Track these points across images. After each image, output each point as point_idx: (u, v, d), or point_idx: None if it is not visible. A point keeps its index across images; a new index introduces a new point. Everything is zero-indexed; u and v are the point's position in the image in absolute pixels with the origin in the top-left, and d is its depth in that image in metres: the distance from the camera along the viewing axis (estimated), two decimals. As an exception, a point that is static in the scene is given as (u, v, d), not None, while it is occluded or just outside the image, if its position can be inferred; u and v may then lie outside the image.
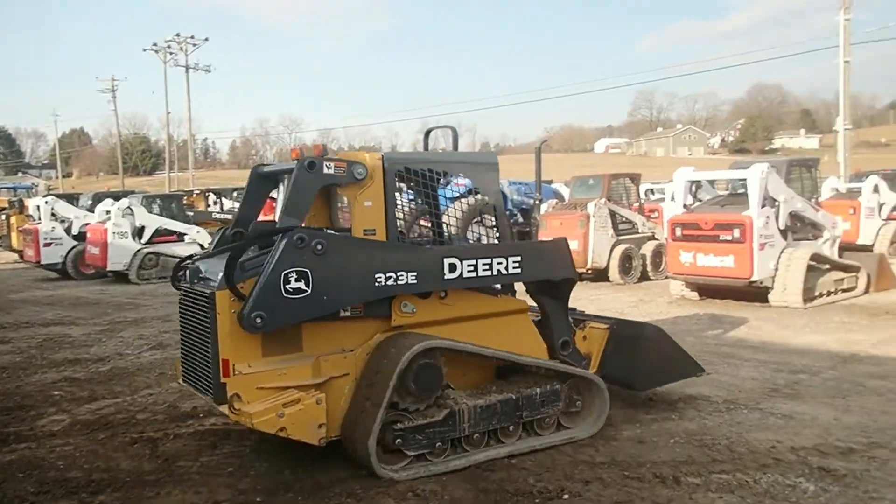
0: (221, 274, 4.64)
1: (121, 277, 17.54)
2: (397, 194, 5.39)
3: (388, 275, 4.96)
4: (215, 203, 27.62)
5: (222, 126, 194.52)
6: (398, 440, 4.92)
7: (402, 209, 5.59)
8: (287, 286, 4.60)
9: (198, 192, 29.92)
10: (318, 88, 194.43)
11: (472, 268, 5.37)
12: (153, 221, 18.26)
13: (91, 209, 20.23)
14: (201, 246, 18.70)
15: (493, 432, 5.33)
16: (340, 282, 4.80)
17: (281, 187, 5.73)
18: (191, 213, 22.35)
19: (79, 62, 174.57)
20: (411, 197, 5.87)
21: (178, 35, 52.45)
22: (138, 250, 17.57)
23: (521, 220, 7.41)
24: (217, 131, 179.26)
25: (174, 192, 28.78)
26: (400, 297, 5.16)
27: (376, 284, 4.94)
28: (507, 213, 6.48)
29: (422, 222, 5.89)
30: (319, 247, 4.70)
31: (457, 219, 5.97)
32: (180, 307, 5.35)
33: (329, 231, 5.41)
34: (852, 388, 6.78)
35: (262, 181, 5.91)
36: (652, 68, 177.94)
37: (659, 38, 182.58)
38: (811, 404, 6.30)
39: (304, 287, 4.64)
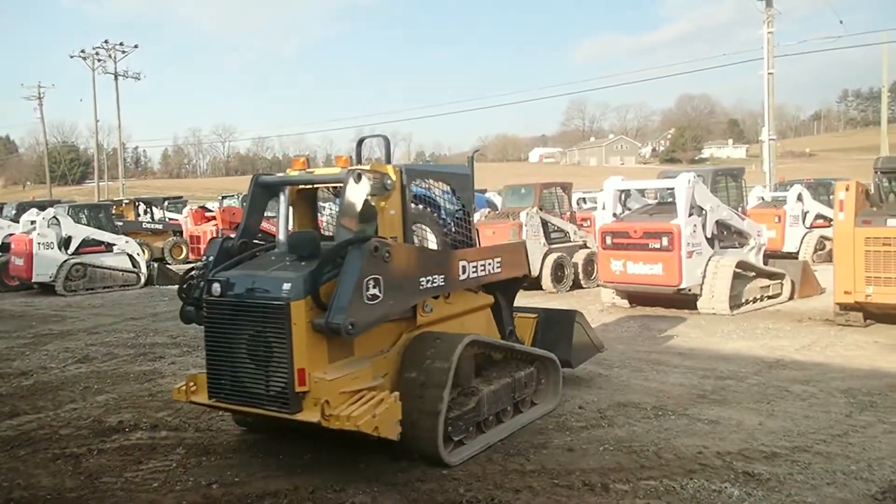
0: (289, 284, 4.78)
1: (47, 289, 16.95)
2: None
3: (428, 278, 5.44)
4: (145, 213, 27.02)
5: (154, 135, 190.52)
6: (449, 428, 5.26)
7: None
8: (367, 293, 4.86)
9: (127, 201, 29.20)
10: (251, 97, 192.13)
11: (474, 268, 6.07)
12: (80, 232, 17.71)
13: (15, 219, 19.54)
14: (130, 256, 18.27)
15: (496, 414, 5.93)
16: (400, 286, 5.17)
17: (281, 197, 5.84)
18: (120, 224, 21.80)
19: (4, 69, 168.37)
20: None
21: (106, 42, 51.10)
22: (65, 261, 17.01)
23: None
24: (148, 140, 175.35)
25: (103, 201, 27.95)
26: (424, 299, 5.61)
27: (420, 288, 5.40)
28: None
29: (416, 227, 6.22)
30: (387, 254, 5.01)
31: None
32: (213, 320, 5.16)
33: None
34: (777, 392, 7.00)
35: (264, 191, 5.99)
36: (585, 78, 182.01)
37: (592, 48, 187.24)
38: (737, 409, 6.48)
39: (378, 293, 4.95)
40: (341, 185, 5.31)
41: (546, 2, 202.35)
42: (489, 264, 6.24)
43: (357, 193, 5.15)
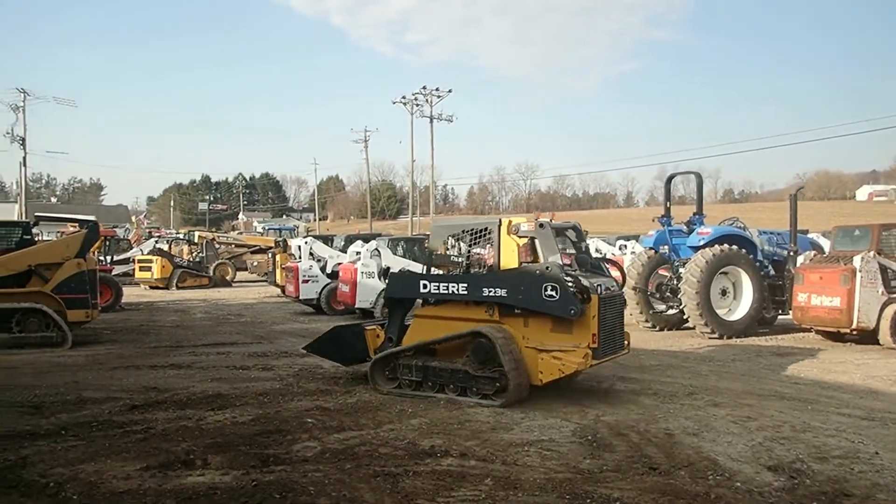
0: (615, 283, 9.25)
1: (367, 315, 18.64)
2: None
3: None
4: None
5: (462, 173, 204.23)
6: None
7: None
8: None
9: (437, 235, 31.19)
10: (553, 135, 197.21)
11: None
12: (397, 263, 19.28)
13: (343, 250, 21.86)
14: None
15: None
16: None
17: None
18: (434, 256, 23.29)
19: (338, 119, 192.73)
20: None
21: (424, 88, 55.97)
22: (383, 289, 18.58)
23: (772, 272, 7.44)
24: (456, 178, 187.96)
25: (416, 235, 30.34)
26: None
27: None
28: (758, 264, 6.79)
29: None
30: None
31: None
32: (602, 308, 8.47)
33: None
34: None
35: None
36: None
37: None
38: None
39: None
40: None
41: (870, 23, 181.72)
42: None
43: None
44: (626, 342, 9.33)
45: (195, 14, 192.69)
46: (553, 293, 8.27)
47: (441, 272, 9.70)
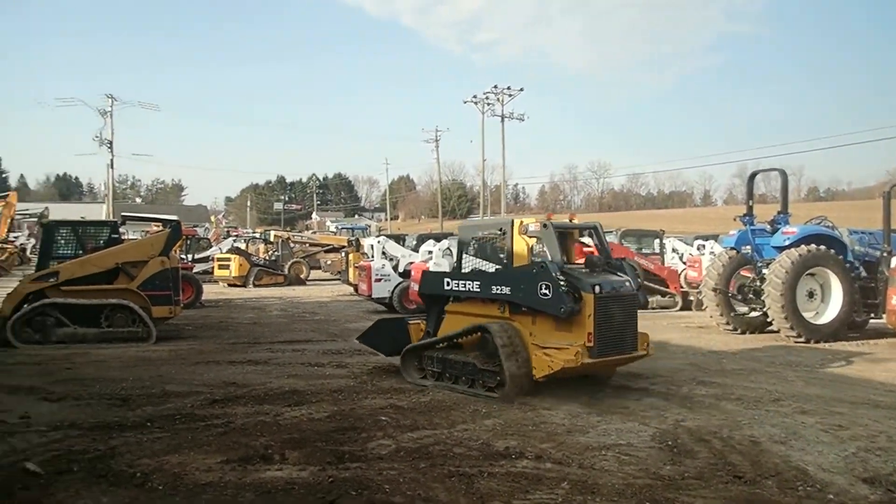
0: (630, 283, 8.98)
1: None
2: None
3: None
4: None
5: (532, 172, 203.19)
6: None
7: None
8: None
9: (509, 234, 31.03)
10: (627, 133, 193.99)
11: None
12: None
13: (415, 249, 21.96)
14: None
15: None
16: None
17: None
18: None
19: (407, 116, 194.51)
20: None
21: (495, 87, 55.87)
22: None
23: (864, 274, 7.25)
24: (527, 177, 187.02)
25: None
26: None
27: None
28: (848, 265, 6.78)
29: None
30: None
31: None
32: (602, 307, 8.54)
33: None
34: None
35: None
36: None
37: None
38: None
39: None
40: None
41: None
42: None
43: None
44: (644, 344, 9.23)
45: (268, 14, 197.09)
46: (546, 292, 8.54)
47: (468, 270, 10.30)
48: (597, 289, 8.54)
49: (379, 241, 22.32)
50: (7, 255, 41.85)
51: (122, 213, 18.41)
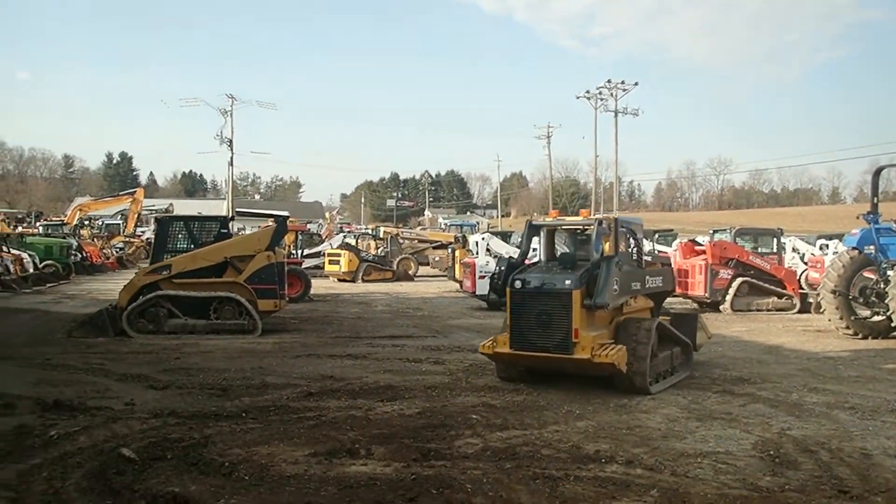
0: (570, 281, 8.66)
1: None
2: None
3: (634, 284, 9.66)
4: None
5: (648, 168, 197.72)
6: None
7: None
8: (613, 287, 8.79)
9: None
10: (749, 128, 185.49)
11: (650, 282, 10.36)
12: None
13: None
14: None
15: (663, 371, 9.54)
16: (626, 284, 9.25)
17: (541, 233, 10.40)
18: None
19: (519, 113, 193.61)
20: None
21: (608, 81, 54.70)
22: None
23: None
24: (642, 174, 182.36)
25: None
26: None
27: (632, 288, 9.57)
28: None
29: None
30: (621, 266, 9.17)
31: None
32: (519, 301, 8.97)
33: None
34: None
35: (533, 230, 10.45)
36: None
37: None
38: None
39: (617, 288, 8.89)
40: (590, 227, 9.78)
41: None
42: (656, 280, 10.43)
43: (600, 233, 9.40)
44: (579, 346, 8.55)
45: (384, 14, 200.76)
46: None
47: None
48: (517, 283, 9.01)
49: (483, 238, 22.28)
50: (134, 248, 44.67)
51: (236, 210, 19.13)
